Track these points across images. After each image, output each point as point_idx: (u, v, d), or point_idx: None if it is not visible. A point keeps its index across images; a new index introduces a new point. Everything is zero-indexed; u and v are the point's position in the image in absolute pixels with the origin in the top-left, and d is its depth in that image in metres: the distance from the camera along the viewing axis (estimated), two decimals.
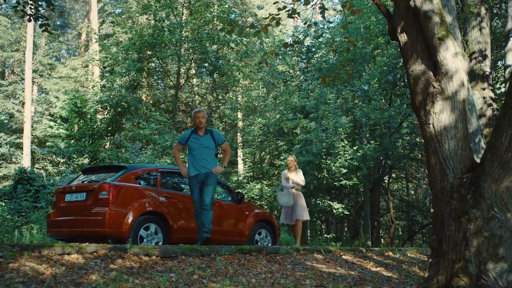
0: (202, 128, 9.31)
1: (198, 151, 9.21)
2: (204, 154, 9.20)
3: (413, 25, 6.53)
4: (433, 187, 6.36)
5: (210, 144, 9.31)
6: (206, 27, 23.14)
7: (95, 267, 6.30)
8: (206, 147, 9.25)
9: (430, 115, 6.30)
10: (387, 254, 10.60)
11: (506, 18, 16.63)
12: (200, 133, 9.30)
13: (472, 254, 5.78)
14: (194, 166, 9.18)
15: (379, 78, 22.47)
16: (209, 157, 9.23)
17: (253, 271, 7.46)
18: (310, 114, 22.61)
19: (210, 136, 9.36)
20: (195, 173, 9.13)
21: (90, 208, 9.11)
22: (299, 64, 26.75)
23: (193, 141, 9.26)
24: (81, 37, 40.55)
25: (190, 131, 9.41)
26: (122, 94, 23.37)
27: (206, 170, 9.15)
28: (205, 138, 9.29)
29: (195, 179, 9.11)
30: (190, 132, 9.39)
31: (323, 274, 7.76)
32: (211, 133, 9.40)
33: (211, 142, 9.33)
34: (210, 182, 9.05)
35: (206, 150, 9.24)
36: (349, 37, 8.68)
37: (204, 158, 9.19)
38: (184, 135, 9.44)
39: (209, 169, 9.16)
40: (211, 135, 9.38)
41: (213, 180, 9.10)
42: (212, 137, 9.36)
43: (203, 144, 9.24)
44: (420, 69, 6.43)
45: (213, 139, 9.36)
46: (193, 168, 9.17)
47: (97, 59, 26.46)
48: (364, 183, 23.18)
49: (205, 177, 9.10)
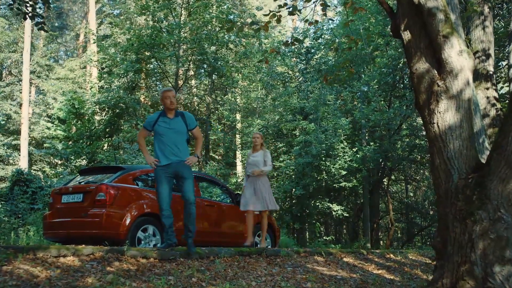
0: (172, 109, 7.86)
1: (168, 137, 7.77)
2: (175, 140, 7.78)
3: (417, 22, 6.40)
4: (438, 188, 6.21)
5: (182, 128, 7.87)
6: (204, 28, 23.01)
7: (91, 269, 6.16)
8: (177, 132, 7.82)
9: (435, 114, 6.16)
10: (389, 257, 10.47)
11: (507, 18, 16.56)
12: (170, 116, 7.85)
13: (478, 256, 5.64)
14: (163, 154, 7.75)
15: (378, 79, 22.36)
16: (181, 144, 7.84)
17: (253, 273, 7.32)
18: (310, 115, 22.52)
19: (181, 119, 7.90)
20: (166, 163, 7.71)
21: (87, 209, 8.95)
22: (298, 65, 26.65)
23: (162, 125, 7.80)
24: (79, 38, 40.41)
25: (158, 114, 7.95)
26: (120, 95, 23.23)
27: (178, 159, 7.74)
28: (176, 121, 7.84)
29: (164, 170, 7.70)
30: (158, 115, 7.91)
31: (324, 277, 7.62)
32: (182, 116, 7.93)
33: (182, 126, 7.88)
34: (187, 175, 7.70)
35: (177, 136, 7.80)
36: (351, 35, 8.54)
37: (175, 145, 7.79)
38: (151, 118, 7.95)
39: (181, 158, 7.76)
40: (182, 118, 7.90)
41: (189, 172, 7.77)
42: (183, 121, 7.90)
43: (174, 129, 7.80)
44: (424, 67, 6.29)
45: (184, 123, 7.90)
46: (163, 157, 7.75)
47: (95, 60, 26.31)
48: (363, 185, 23.06)
49: (177, 168, 7.70)
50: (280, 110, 24.05)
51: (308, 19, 8.00)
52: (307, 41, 26.20)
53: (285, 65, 26.22)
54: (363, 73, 23.10)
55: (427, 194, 30.21)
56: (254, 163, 9.96)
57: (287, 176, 22.65)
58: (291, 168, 21.90)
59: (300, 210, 22.47)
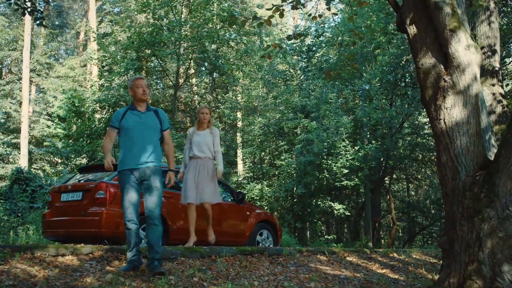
0: (144, 102, 6.51)
1: (137, 132, 6.33)
2: (146, 137, 6.35)
3: (423, 16, 6.27)
4: (444, 186, 6.08)
5: (155, 125, 6.48)
6: (205, 25, 22.89)
7: (90, 269, 6.05)
8: (149, 128, 6.41)
9: (441, 110, 6.03)
10: (392, 256, 10.34)
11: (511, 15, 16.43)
12: (141, 109, 6.46)
13: (486, 255, 5.52)
14: (131, 154, 6.30)
15: (380, 77, 22.25)
16: (153, 144, 6.40)
17: (256, 273, 7.19)
18: (311, 114, 22.41)
19: (154, 115, 6.54)
20: (132, 166, 6.26)
21: (86, 208, 8.86)
22: (300, 63, 26.54)
23: (130, 119, 6.38)
24: (79, 36, 40.29)
25: (125, 108, 6.56)
26: (121, 93, 23.13)
27: (149, 164, 6.31)
28: (148, 115, 6.47)
29: (130, 175, 6.26)
30: (126, 109, 6.52)
31: (328, 276, 7.49)
32: (156, 112, 6.57)
33: (156, 122, 6.50)
34: (155, 184, 6.29)
35: (149, 132, 6.39)
36: (356, 30, 8.41)
37: (145, 143, 6.36)
38: (117, 114, 6.51)
39: (153, 162, 6.34)
40: (156, 114, 6.54)
41: (159, 181, 6.34)
42: (157, 117, 6.53)
43: (145, 123, 6.40)
44: (430, 62, 6.17)
45: (158, 120, 6.53)
46: (130, 158, 6.30)
47: (95, 58, 26.17)
48: (365, 184, 22.95)
49: (146, 175, 6.29)
50: (282, 109, 23.95)
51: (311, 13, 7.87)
52: (309, 39, 26.09)
53: (286, 63, 26.11)
54: (364, 71, 22.97)
55: (428, 193, 30.14)
56: (199, 144, 8.56)
57: (289, 175, 22.54)
58: (292, 166, 21.79)
59: (302, 209, 22.37)
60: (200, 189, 8.36)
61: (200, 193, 8.36)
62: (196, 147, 8.56)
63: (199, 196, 8.35)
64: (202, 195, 8.37)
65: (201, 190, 8.36)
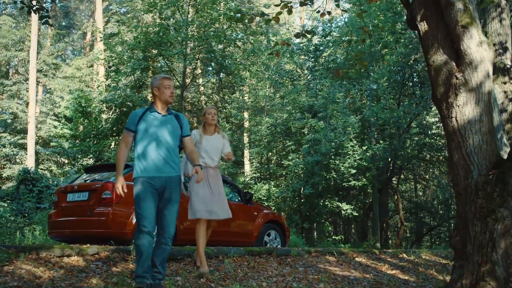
0: (168, 104, 5.80)
1: (159, 136, 5.60)
2: (168, 143, 5.63)
3: (434, 12, 6.15)
4: (456, 185, 5.96)
5: (176, 130, 5.74)
6: (212, 25, 22.82)
7: (96, 270, 5.97)
8: (171, 133, 5.68)
9: (453, 108, 5.91)
10: (401, 256, 10.23)
11: None
12: (162, 111, 5.73)
13: (499, 256, 5.39)
14: (150, 160, 5.55)
15: (388, 77, 22.12)
16: (173, 149, 5.69)
17: (264, 274, 7.10)
18: (318, 114, 22.33)
19: (175, 119, 5.80)
20: (152, 174, 5.52)
21: (92, 208, 8.79)
22: (307, 63, 26.45)
23: (149, 122, 5.63)
24: (86, 37, 40.32)
25: (143, 109, 5.79)
26: (127, 93, 23.09)
27: (171, 171, 5.61)
28: (169, 119, 5.74)
29: (149, 183, 5.48)
30: (144, 110, 5.75)
31: (337, 278, 7.39)
32: (177, 117, 5.83)
33: (177, 128, 5.76)
34: (175, 196, 5.61)
35: (169, 137, 5.66)
36: (365, 27, 8.30)
37: (167, 149, 5.63)
38: (134, 116, 5.71)
39: (174, 169, 5.65)
40: (177, 119, 5.80)
41: (178, 193, 5.67)
42: (178, 122, 5.80)
43: (165, 127, 5.67)
44: (442, 59, 6.04)
45: (179, 125, 5.80)
46: (149, 165, 5.55)
47: (102, 58, 26.15)
48: (372, 184, 22.81)
49: (166, 185, 5.56)
50: (289, 109, 23.88)
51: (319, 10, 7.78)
52: (316, 39, 25.98)
53: (293, 63, 26.01)
54: (372, 70, 22.85)
55: (436, 193, 29.99)
56: (210, 150, 7.10)
57: (296, 175, 22.44)
58: (300, 167, 21.70)
59: (309, 209, 22.27)
60: (214, 203, 6.87)
61: (216, 208, 6.88)
62: (206, 154, 7.05)
63: (215, 211, 6.87)
64: (218, 210, 6.91)
65: (215, 204, 6.88)
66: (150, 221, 5.40)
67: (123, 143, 5.71)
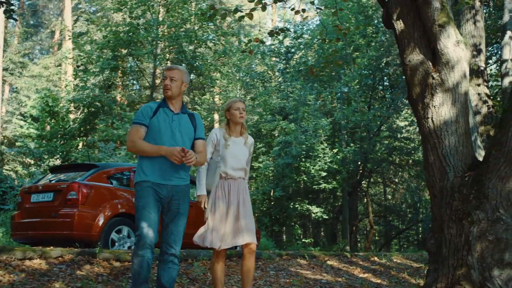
0: (179, 98, 4.91)
1: (169, 137, 4.74)
2: (179, 145, 4.69)
3: (410, 11, 6.05)
4: (432, 187, 5.85)
5: (190, 132, 4.87)
6: (183, 25, 22.60)
7: (59, 273, 5.71)
8: (184, 135, 4.82)
9: (429, 108, 5.81)
10: (373, 260, 10.14)
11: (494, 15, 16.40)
12: (174, 109, 4.86)
13: (475, 259, 5.29)
14: (159, 163, 4.69)
15: (359, 80, 22.17)
16: None
17: (234, 277, 6.92)
18: (289, 116, 22.24)
19: (189, 119, 4.93)
20: (160, 181, 4.68)
21: (57, 209, 8.53)
22: (278, 65, 26.39)
23: (162, 119, 4.76)
24: (55, 36, 39.67)
25: (156, 103, 4.87)
26: (96, 93, 22.77)
27: (181, 179, 4.81)
28: (182, 118, 4.87)
29: (155, 190, 4.66)
30: (157, 105, 4.84)
31: (309, 281, 7.25)
32: (191, 117, 4.96)
33: (190, 129, 4.89)
34: (184, 209, 4.81)
35: (182, 139, 4.79)
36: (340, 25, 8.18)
37: None
38: (147, 109, 4.81)
39: (184, 178, 4.86)
40: (191, 119, 4.93)
41: (187, 205, 4.86)
42: (192, 122, 4.93)
43: (178, 127, 4.81)
44: (418, 58, 5.94)
45: (193, 126, 4.92)
46: (157, 168, 4.70)
47: (70, 57, 25.75)
48: (343, 187, 22.79)
49: (174, 195, 4.74)
50: (260, 110, 23.77)
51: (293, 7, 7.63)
52: (288, 41, 25.95)
53: (264, 65, 25.92)
54: (343, 73, 22.87)
55: (405, 197, 30.17)
56: (236, 157, 5.40)
57: (266, 177, 22.31)
58: (270, 169, 21.58)
59: (279, 212, 22.15)
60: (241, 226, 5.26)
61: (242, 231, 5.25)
62: (234, 160, 5.37)
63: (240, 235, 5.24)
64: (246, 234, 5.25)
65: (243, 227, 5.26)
66: (153, 234, 4.58)
67: (135, 135, 4.69)
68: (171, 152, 4.48)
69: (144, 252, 4.54)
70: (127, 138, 4.78)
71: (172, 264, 4.73)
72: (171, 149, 4.51)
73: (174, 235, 4.74)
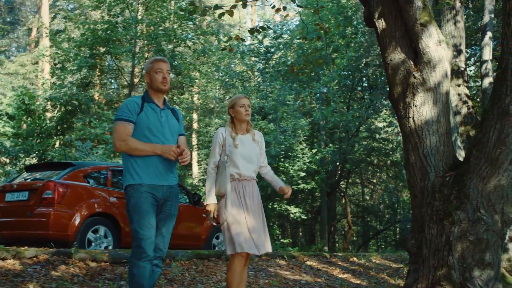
0: (163, 94, 4.63)
1: (159, 135, 4.46)
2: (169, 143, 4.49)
3: (392, 9, 6.00)
4: (413, 187, 5.82)
5: (175, 127, 4.65)
6: (162, 24, 22.44)
7: (33, 274, 5.58)
8: (172, 132, 4.59)
9: (410, 108, 5.77)
10: (352, 260, 10.11)
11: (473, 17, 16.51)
12: (159, 104, 4.59)
13: (456, 260, 5.26)
14: (152, 163, 4.39)
15: (338, 80, 22.21)
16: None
17: (213, 278, 6.82)
18: (269, 116, 22.19)
19: (172, 115, 4.70)
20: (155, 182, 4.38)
21: (32, 208, 8.41)
22: (257, 65, 26.34)
23: (148, 114, 4.47)
24: (32, 33, 39.22)
25: (139, 97, 4.59)
26: (73, 92, 22.49)
27: (173, 179, 4.57)
28: (168, 114, 4.64)
29: (150, 193, 4.34)
30: (141, 100, 4.55)
31: (288, 282, 7.18)
32: (173, 112, 4.74)
33: (175, 125, 4.67)
34: (175, 211, 4.58)
35: (171, 136, 4.55)
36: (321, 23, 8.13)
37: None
38: (132, 104, 4.47)
39: (175, 177, 4.63)
40: (173, 114, 4.71)
41: (177, 206, 4.64)
42: (176, 118, 4.71)
43: (166, 123, 4.55)
44: (400, 58, 5.90)
45: (177, 122, 4.72)
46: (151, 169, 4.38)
47: (47, 55, 25.41)
48: (321, 187, 22.81)
49: (169, 194, 4.50)
50: None
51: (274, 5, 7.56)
52: (267, 41, 25.91)
53: (244, 64, 25.85)
54: (322, 74, 22.88)
55: (383, 197, 30.32)
56: (248, 156, 5.05)
57: None
58: None
59: None
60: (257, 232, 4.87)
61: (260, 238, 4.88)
62: (244, 161, 5.00)
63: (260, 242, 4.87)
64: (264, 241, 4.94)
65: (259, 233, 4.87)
66: (153, 244, 4.31)
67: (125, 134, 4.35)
68: (168, 150, 4.30)
69: (145, 264, 4.27)
70: (114, 136, 4.40)
71: (156, 267, 4.45)
72: (167, 147, 4.33)
73: (164, 237, 4.48)
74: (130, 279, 4.30)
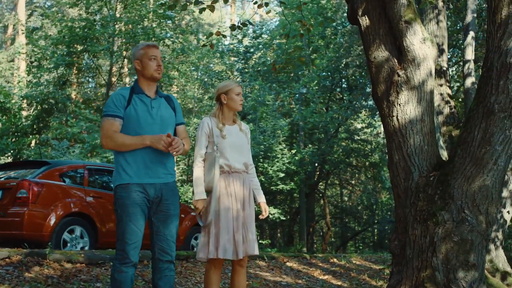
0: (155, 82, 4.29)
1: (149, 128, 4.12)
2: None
3: (376, 6, 5.90)
4: (396, 187, 5.73)
5: (170, 118, 4.29)
6: (141, 22, 22.23)
7: (6, 275, 5.39)
8: (164, 124, 4.21)
9: (394, 106, 5.68)
10: (332, 261, 10.04)
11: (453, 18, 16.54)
12: (150, 94, 4.23)
13: (440, 261, 5.18)
14: (141, 160, 4.08)
15: (318, 81, 22.20)
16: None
17: (192, 279, 6.69)
18: (248, 116, 22.08)
19: (167, 102, 4.32)
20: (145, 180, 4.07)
21: (6, 208, 8.21)
22: (236, 65, 26.24)
23: (139, 108, 4.14)
24: (7, 30, 38.69)
25: (127, 89, 4.23)
26: (50, 90, 22.19)
27: (168, 175, 4.22)
28: (160, 103, 4.26)
29: (140, 193, 4.05)
30: (129, 92, 4.19)
31: (269, 283, 7.07)
32: (168, 100, 4.36)
33: (170, 114, 4.30)
34: (175, 209, 4.20)
35: (163, 129, 4.17)
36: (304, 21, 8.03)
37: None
38: (118, 98, 4.13)
39: (171, 174, 4.28)
40: (168, 102, 4.33)
41: (178, 205, 4.25)
42: (171, 106, 4.34)
43: (158, 115, 4.20)
44: (383, 55, 5.81)
45: (173, 111, 4.34)
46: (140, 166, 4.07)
47: (23, 52, 25.03)
48: (300, 188, 22.77)
49: (163, 192, 4.14)
50: None
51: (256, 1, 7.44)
52: (247, 40, 25.82)
53: (223, 64, 25.72)
54: (302, 74, 22.86)
55: (361, 199, 30.40)
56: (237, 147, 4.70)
57: None
58: None
59: None
60: (245, 233, 4.57)
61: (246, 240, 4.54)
62: (233, 152, 4.64)
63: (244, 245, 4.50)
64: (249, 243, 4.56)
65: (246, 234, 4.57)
66: (138, 248, 4.07)
67: (111, 131, 4.04)
68: (157, 140, 3.96)
69: (127, 272, 4.01)
70: (101, 134, 4.09)
71: (168, 271, 4.15)
72: (156, 137, 3.98)
73: (168, 239, 4.14)
74: (111, 283, 4.07)
